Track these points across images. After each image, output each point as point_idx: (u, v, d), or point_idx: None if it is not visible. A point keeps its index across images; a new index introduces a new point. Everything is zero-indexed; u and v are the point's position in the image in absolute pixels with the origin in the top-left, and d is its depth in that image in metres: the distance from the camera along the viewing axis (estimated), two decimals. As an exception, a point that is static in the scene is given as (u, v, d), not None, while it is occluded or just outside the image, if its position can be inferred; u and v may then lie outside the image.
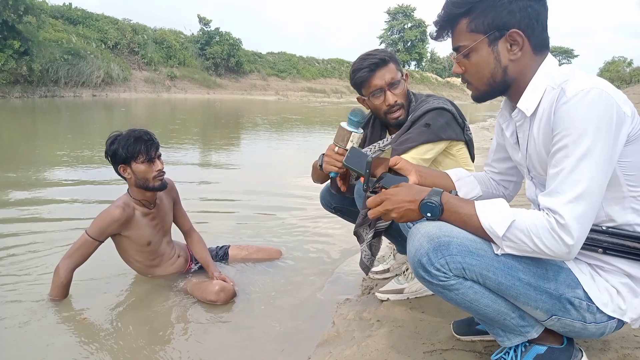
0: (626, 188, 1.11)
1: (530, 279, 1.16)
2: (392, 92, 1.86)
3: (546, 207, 1.07)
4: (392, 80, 1.85)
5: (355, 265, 2.64)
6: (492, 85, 1.22)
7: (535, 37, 1.15)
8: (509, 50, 1.17)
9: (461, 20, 1.19)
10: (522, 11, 1.12)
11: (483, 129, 11.77)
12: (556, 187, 1.06)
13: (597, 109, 1.02)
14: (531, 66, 1.17)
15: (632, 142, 1.09)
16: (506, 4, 1.13)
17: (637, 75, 33.11)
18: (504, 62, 1.18)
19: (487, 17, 1.15)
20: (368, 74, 1.85)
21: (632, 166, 1.10)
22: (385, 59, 1.85)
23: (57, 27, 24.20)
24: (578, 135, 1.03)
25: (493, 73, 1.20)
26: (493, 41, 1.17)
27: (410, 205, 1.22)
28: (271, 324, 2.03)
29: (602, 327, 1.18)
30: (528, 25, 1.13)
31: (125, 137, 2.13)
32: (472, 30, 1.18)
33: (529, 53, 1.17)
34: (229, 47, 33.49)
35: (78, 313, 2.08)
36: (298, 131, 11.97)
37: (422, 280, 1.21)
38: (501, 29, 1.15)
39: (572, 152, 1.04)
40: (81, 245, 2.11)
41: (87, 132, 10.08)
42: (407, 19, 59.45)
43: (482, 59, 1.19)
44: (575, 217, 1.03)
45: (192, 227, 2.53)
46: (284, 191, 4.58)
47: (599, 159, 1.03)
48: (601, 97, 1.02)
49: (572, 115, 1.04)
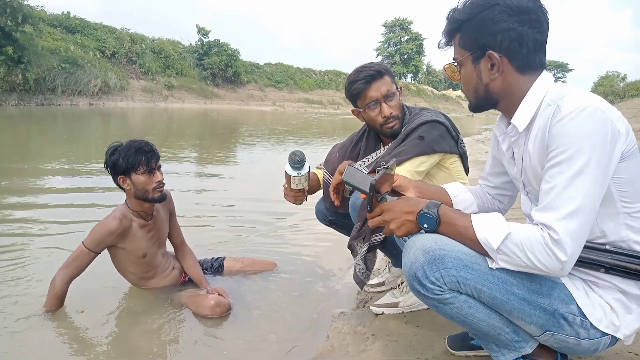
0: (620, 204, 1.13)
1: (525, 294, 1.16)
2: (388, 104, 1.89)
3: (540, 223, 1.08)
4: (387, 92, 1.87)
5: (350, 278, 2.64)
6: (478, 99, 1.28)
7: (518, 58, 1.17)
8: (489, 70, 1.20)
9: (456, 34, 1.25)
10: (504, 34, 1.15)
11: (478, 142, 11.83)
12: (550, 202, 1.07)
13: (592, 127, 1.03)
14: (519, 85, 1.19)
15: (626, 159, 1.10)
16: (489, 26, 1.16)
17: (630, 90, 33.41)
18: (484, 79, 1.22)
19: (471, 36, 1.21)
20: (364, 86, 1.87)
21: (625, 182, 1.11)
22: (381, 71, 1.88)
23: (55, 36, 24.27)
24: (573, 152, 1.04)
25: (476, 88, 1.25)
26: (476, 59, 1.22)
27: (409, 216, 1.23)
28: (266, 337, 2.02)
29: (596, 343, 1.19)
30: (509, 48, 1.16)
31: (125, 147, 2.12)
32: (461, 46, 1.25)
33: (512, 73, 1.19)
34: (227, 57, 33.67)
35: (72, 323, 2.07)
36: (294, 142, 11.99)
37: (417, 294, 1.22)
38: (482, 48, 1.19)
39: (566, 169, 1.05)
40: (77, 257, 2.10)
41: (83, 140, 10.06)
42: (403, 32, 60.04)
43: (467, 74, 1.26)
44: (569, 233, 1.03)
45: (184, 241, 2.51)
46: (279, 203, 4.55)
47: (594, 175, 1.04)
48: (596, 115, 1.04)
49: (567, 132, 1.05)
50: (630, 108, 20.44)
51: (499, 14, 1.14)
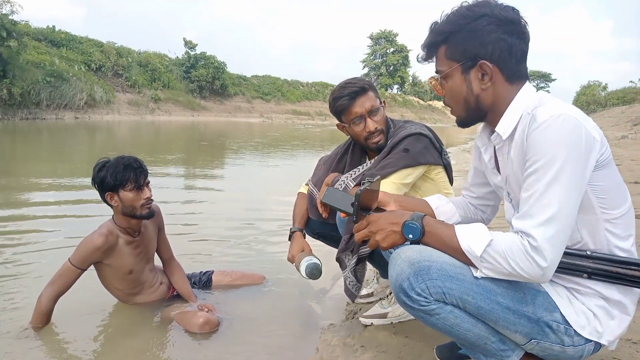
0: (599, 210, 1.15)
1: (509, 303, 1.18)
2: (372, 119, 1.91)
3: (519, 230, 1.10)
4: (371, 107, 1.90)
5: (338, 290, 2.64)
6: (468, 111, 1.27)
7: (508, 68, 1.20)
8: (480, 80, 1.21)
9: (441, 46, 1.25)
10: (495, 44, 1.17)
11: (464, 152, 11.95)
12: (528, 210, 1.10)
13: (566, 134, 1.06)
14: (506, 95, 1.22)
15: (603, 167, 1.13)
16: (479, 36, 1.17)
17: (612, 98, 34.07)
18: (475, 90, 1.23)
19: (460, 46, 1.20)
20: (348, 102, 1.90)
21: (603, 190, 1.14)
22: (365, 87, 1.90)
23: (40, 50, 24.13)
24: (548, 160, 1.07)
25: (466, 99, 1.25)
26: (465, 70, 1.22)
27: (394, 227, 1.25)
28: (255, 351, 2.01)
29: (580, 350, 1.20)
30: (500, 58, 1.18)
31: (113, 164, 2.09)
32: (448, 58, 1.24)
33: (502, 83, 1.21)
34: (214, 70, 33.75)
35: (59, 340, 2.04)
36: (281, 153, 12.00)
37: (403, 305, 1.23)
38: (473, 59, 1.19)
39: (542, 176, 1.07)
40: (63, 273, 2.07)
41: (69, 155, 9.96)
42: (389, 44, 60.73)
43: (456, 86, 1.25)
44: (547, 240, 1.06)
45: (173, 257, 2.48)
46: (267, 215, 4.58)
47: (569, 182, 1.06)
48: (570, 123, 1.07)
49: (542, 140, 1.08)
50: (612, 116, 20.85)
51: (488, 24, 1.16)
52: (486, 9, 1.17)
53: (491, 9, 1.17)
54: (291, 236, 2.13)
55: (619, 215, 1.16)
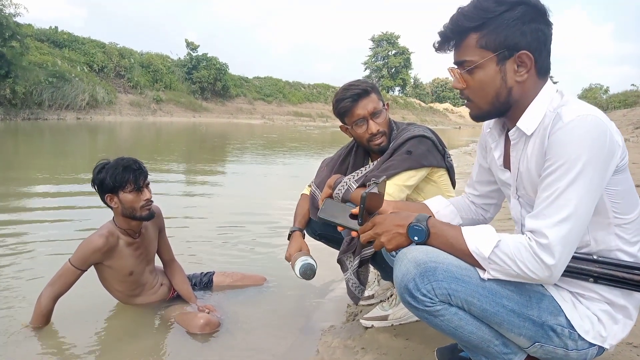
0: (612, 214, 1.14)
1: (514, 306, 1.17)
2: (375, 121, 1.91)
3: (530, 229, 1.09)
4: (374, 110, 1.90)
5: (339, 291, 2.63)
6: (494, 105, 1.20)
7: (541, 60, 1.16)
8: (515, 71, 1.15)
9: (471, 34, 1.16)
10: (533, 34, 1.12)
11: (465, 154, 11.94)
12: (543, 209, 1.09)
13: (591, 137, 1.04)
14: (534, 89, 1.18)
15: (620, 172, 1.12)
16: (519, 25, 1.11)
17: (613, 102, 34.03)
18: (509, 82, 1.16)
19: (499, 35, 1.12)
20: (351, 104, 1.90)
21: (619, 194, 1.13)
22: (367, 89, 1.90)
23: (42, 50, 24.21)
24: (570, 161, 1.05)
25: (498, 92, 1.18)
26: (501, 60, 1.15)
27: (399, 229, 1.24)
28: (255, 352, 2.00)
29: (583, 354, 1.20)
30: (537, 49, 1.13)
31: (113, 165, 2.08)
32: (481, 47, 1.15)
33: (534, 76, 1.17)
34: (215, 71, 33.81)
35: (59, 341, 2.03)
36: (282, 155, 12.00)
37: (408, 306, 1.22)
38: (511, 49, 1.13)
39: (562, 177, 1.06)
40: (63, 274, 2.07)
41: (70, 155, 9.97)
42: (391, 46, 60.86)
43: (488, 77, 1.17)
44: (559, 239, 1.05)
45: (173, 258, 2.47)
46: (268, 217, 4.57)
47: (588, 185, 1.05)
48: (597, 125, 1.05)
49: (566, 141, 1.06)
50: (614, 120, 20.79)
51: (525, 13, 1.10)
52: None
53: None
54: (290, 235, 2.12)
55: (630, 221, 1.16)
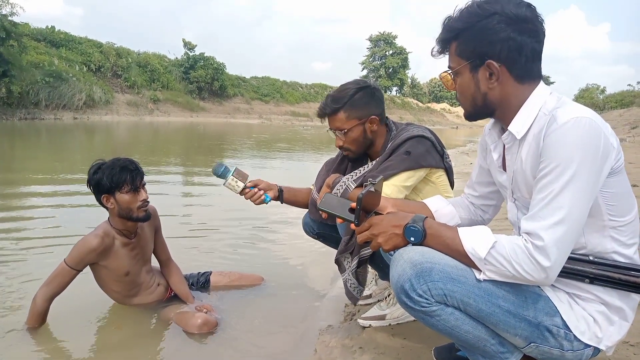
0: (607, 217, 1.15)
1: (510, 307, 1.17)
2: (337, 137, 1.96)
3: (526, 231, 1.10)
4: (337, 128, 1.94)
5: (336, 291, 2.63)
6: (475, 108, 1.26)
7: (517, 68, 1.17)
8: (487, 78, 1.20)
9: (452, 42, 1.24)
10: (503, 43, 1.15)
11: (463, 154, 11.96)
12: (538, 211, 1.09)
13: (585, 139, 1.05)
14: (517, 94, 1.20)
15: (615, 174, 1.13)
16: (489, 34, 1.15)
17: (610, 102, 34.19)
18: (482, 88, 1.21)
19: (469, 45, 1.19)
20: (320, 116, 1.99)
21: (613, 197, 1.14)
22: (335, 110, 1.92)
23: (39, 50, 24.11)
24: (565, 163, 1.06)
25: (474, 97, 1.24)
26: (474, 68, 1.20)
27: (396, 230, 1.25)
28: (252, 351, 2.00)
29: (579, 355, 1.20)
30: (508, 57, 1.16)
31: (109, 166, 2.06)
32: (458, 55, 1.23)
33: (511, 82, 1.19)
34: (213, 71, 33.76)
35: (54, 341, 2.03)
36: (278, 154, 11.99)
37: (404, 306, 1.22)
38: (481, 57, 1.18)
39: (557, 179, 1.07)
40: (59, 274, 2.05)
41: (67, 155, 9.95)
42: (388, 46, 60.88)
43: (465, 83, 1.24)
44: (554, 241, 1.05)
45: (170, 258, 2.46)
46: (265, 217, 4.57)
47: (583, 187, 1.06)
48: (591, 127, 1.06)
49: (561, 143, 1.07)
50: (610, 120, 20.88)
51: (498, 23, 1.14)
52: (497, 6, 1.15)
53: (502, 7, 1.14)
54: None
55: (625, 223, 1.16)
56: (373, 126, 1.94)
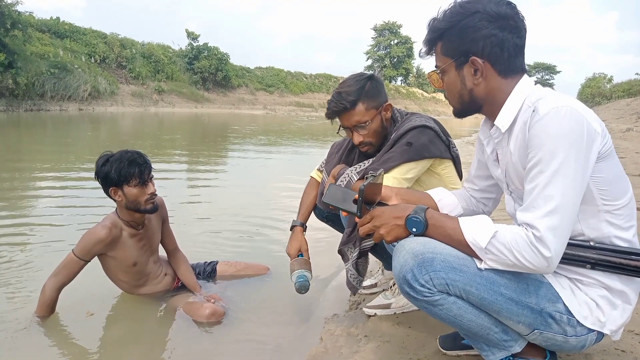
0: (600, 202, 1.16)
1: (512, 294, 1.19)
2: (357, 133, 1.88)
3: (523, 222, 1.11)
4: (357, 123, 1.86)
5: (342, 280, 2.65)
6: (462, 104, 1.31)
7: (500, 63, 1.21)
8: (472, 75, 1.24)
9: (438, 43, 1.28)
10: (485, 40, 1.19)
11: (468, 144, 11.90)
12: (531, 202, 1.11)
13: (568, 126, 1.07)
14: (501, 88, 1.23)
15: (604, 159, 1.14)
16: (470, 33, 1.20)
17: (617, 91, 33.73)
18: (468, 85, 1.26)
19: (453, 43, 1.24)
20: (333, 115, 1.90)
21: (604, 181, 1.15)
22: (349, 104, 1.83)
23: (44, 41, 24.08)
24: (551, 152, 1.08)
25: (461, 94, 1.28)
26: (459, 65, 1.25)
27: (397, 221, 1.26)
28: (259, 340, 2.03)
29: (583, 340, 1.22)
30: (491, 53, 1.20)
31: (117, 159, 2.05)
32: (443, 54, 1.27)
33: (495, 78, 1.23)
34: (217, 61, 33.63)
35: (64, 331, 2.06)
36: (285, 145, 11.99)
37: (407, 296, 1.24)
38: (465, 55, 1.22)
39: (545, 168, 1.08)
40: (67, 264, 2.08)
41: (73, 146, 9.99)
42: (393, 36, 60.32)
43: (451, 80, 1.29)
44: (551, 230, 1.07)
45: (177, 247, 2.48)
46: (270, 207, 4.59)
47: (572, 174, 1.07)
48: (572, 115, 1.08)
49: (544, 133, 1.09)
50: (617, 109, 20.70)
51: (480, 21, 1.18)
52: (479, 5, 1.19)
53: (484, 5, 1.19)
54: (292, 228, 2.13)
55: (620, 207, 1.17)
56: (387, 114, 1.91)
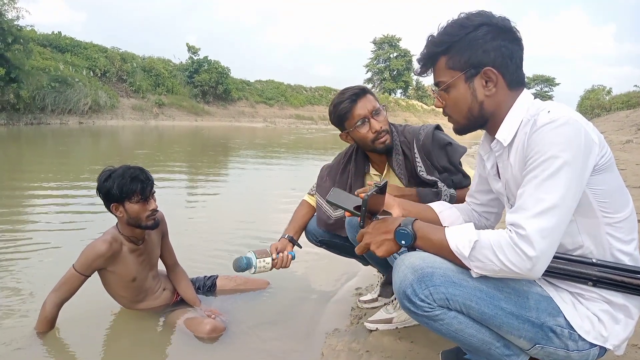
0: (600, 214, 1.16)
1: (512, 308, 1.18)
2: (376, 119, 1.91)
3: (510, 223, 1.11)
4: (373, 108, 1.91)
5: (343, 295, 2.64)
6: (470, 119, 1.29)
7: (509, 74, 1.22)
8: (484, 86, 1.23)
9: (441, 57, 1.26)
10: (496, 50, 1.20)
11: (467, 156, 11.92)
12: (521, 203, 1.11)
13: (566, 135, 1.08)
14: (507, 101, 1.24)
15: (603, 171, 1.14)
16: (481, 44, 1.20)
17: (616, 103, 33.81)
18: (479, 97, 1.25)
19: (463, 55, 1.22)
20: (350, 105, 1.90)
21: (604, 193, 1.15)
22: (364, 89, 1.94)
23: (45, 55, 24.24)
24: (547, 158, 1.08)
25: (470, 107, 1.27)
26: (469, 78, 1.24)
27: (386, 235, 1.26)
28: (260, 356, 2.01)
29: (585, 355, 1.20)
30: (502, 64, 1.21)
31: (120, 175, 2.04)
32: (450, 68, 1.25)
33: (504, 89, 1.23)
34: (217, 75, 33.80)
35: (63, 346, 2.05)
36: (284, 159, 12.01)
37: (407, 311, 1.24)
38: (476, 66, 1.22)
39: (540, 173, 1.09)
40: (67, 280, 2.07)
41: (73, 160, 10.01)
42: (392, 49, 60.76)
43: (460, 94, 1.26)
44: (538, 230, 1.06)
45: (177, 262, 2.47)
46: (270, 222, 4.58)
47: (566, 180, 1.07)
48: (569, 124, 1.08)
49: (542, 141, 1.10)
50: (617, 121, 20.77)
51: (487, 33, 1.20)
52: (484, 18, 1.21)
53: (489, 18, 1.21)
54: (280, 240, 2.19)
55: (621, 219, 1.17)
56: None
